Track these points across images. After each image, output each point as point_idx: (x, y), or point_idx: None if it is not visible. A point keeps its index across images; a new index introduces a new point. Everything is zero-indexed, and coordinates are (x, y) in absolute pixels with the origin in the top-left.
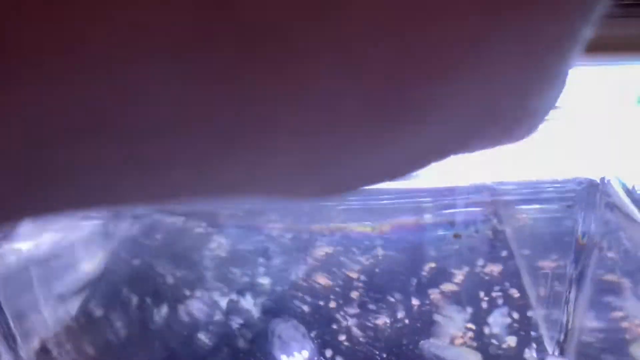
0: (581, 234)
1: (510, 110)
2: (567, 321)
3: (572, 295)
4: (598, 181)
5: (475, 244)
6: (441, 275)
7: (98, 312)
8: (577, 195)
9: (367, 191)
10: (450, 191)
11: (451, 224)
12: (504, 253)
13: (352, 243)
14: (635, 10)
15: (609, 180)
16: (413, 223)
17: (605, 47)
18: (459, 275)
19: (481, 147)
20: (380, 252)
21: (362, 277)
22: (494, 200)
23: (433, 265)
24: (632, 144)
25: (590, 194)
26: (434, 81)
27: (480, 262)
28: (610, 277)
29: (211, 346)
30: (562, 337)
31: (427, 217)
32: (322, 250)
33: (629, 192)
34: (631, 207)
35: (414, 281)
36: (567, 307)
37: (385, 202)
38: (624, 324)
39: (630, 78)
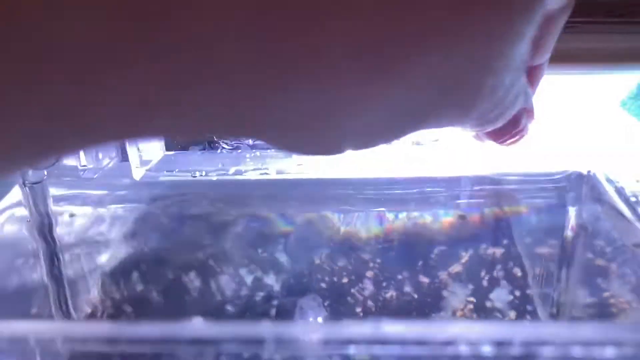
0: (571, 221)
1: (467, 90)
2: (559, 298)
3: (563, 276)
4: (585, 174)
5: (480, 229)
6: (449, 257)
7: (136, 281)
8: (567, 186)
9: (380, 181)
10: (457, 181)
11: (459, 213)
12: (506, 239)
13: (368, 228)
14: (617, 27)
15: (594, 174)
16: (424, 210)
17: (592, 58)
18: (465, 257)
19: (447, 123)
20: (393, 236)
21: (377, 259)
22: (495, 190)
23: (443, 248)
24: (615, 142)
25: (579, 185)
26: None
27: (484, 245)
28: (598, 261)
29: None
30: (554, 310)
31: (437, 204)
32: (339, 234)
33: (613, 185)
34: (615, 198)
35: (422, 262)
36: (559, 285)
37: (397, 191)
38: (611, 301)
39: (614, 85)
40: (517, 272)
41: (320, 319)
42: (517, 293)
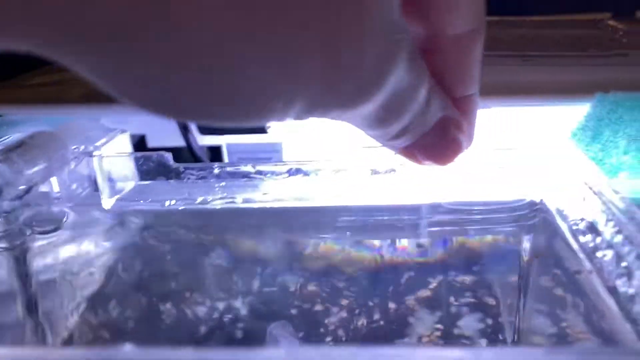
0: (526, 249)
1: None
2: (518, 326)
3: (521, 304)
4: (538, 202)
5: (441, 258)
6: (417, 283)
7: (111, 306)
8: (522, 214)
9: (346, 209)
10: (417, 209)
11: (418, 242)
12: (465, 267)
13: (338, 256)
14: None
15: (545, 203)
16: (388, 238)
17: (543, 90)
18: (433, 284)
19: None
20: (363, 263)
21: (347, 285)
22: (453, 219)
23: (411, 274)
24: (565, 172)
25: (532, 214)
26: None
27: (446, 274)
28: (554, 289)
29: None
30: (515, 338)
31: (400, 234)
32: (313, 261)
33: (560, 214)
34: (563, 227)
35: (392, 288)
36: (518, 314)
37: (359, 219)
38: (568, 331)
39: (564, 117)
40: (477, 300)
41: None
42: (487, 321)
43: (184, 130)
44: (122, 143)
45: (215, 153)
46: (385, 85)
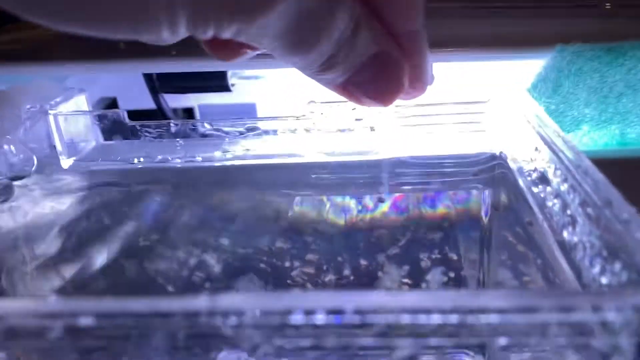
0: (486, 202)
1: None
2: (483, 280)
3: (485, 258)
4: (498, 155)
5: (405, 212)
6: (383, 239)
7: (72, 266)
8: (482, 167)
9: (307, 166)
10: (377, 166)
11: (378, 196)
12: (430, 222)
13: (311, 212)
14: (530, 11)
15: (505, 155)
16: (350, 194)
17: (502, 43)
18: (401, 240)
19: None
20: (335, 220)
21: (318, 242)
22: (416, 173)
23: (382, 231)
24: (522, 124)
25: (492, 167)
26: None
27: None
28: (515, 243)
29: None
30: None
31: (362, 190)
32: (278, 219)
33: (517, 165)
34: (519, 179)
35: (356, 244)
36: (481, 268)
37: (320, 176)
38: (531, 286)
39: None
40: (442, 255)
41: None
42: (451, 275)
43: (154, 92)
44: (80, 103)
45: (189, 115)
46: None
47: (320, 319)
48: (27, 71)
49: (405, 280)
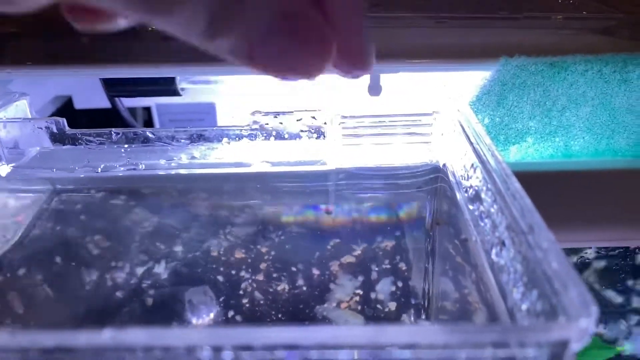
0: (429, 214)
1: None
2: (428, 290)
3: (430, 268)
4: (441, 166)
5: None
6: (342, 249)
7: (23, 272)
8: (426, 179)
9: (252, 176)
10: (324, 176)
11: (325, 208)
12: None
13: (266, 221)
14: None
15: (447, 167)
16: (297, 204)
17: (452, 54)
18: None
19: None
20: (290, 229)
21: (273, 252)
22: (359, 184)
23: (337, 241)
24: (462, 138)
25: (435, 179)
26: None
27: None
28: (455, 256)
29: (127, 308)
30: (425, 303)
31: (308, 200)
32: (239, 227)
33: (457, 181)
34: (457, 194)
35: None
36: (427, 278)
37: (265, 185)
38: (469, 298)
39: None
40: (391, 265)
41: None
42: (399, 284)
43: (109, 92)
44: (22, 107)
45: (147, 114)
46: None
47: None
48: None
49: (358, 291)
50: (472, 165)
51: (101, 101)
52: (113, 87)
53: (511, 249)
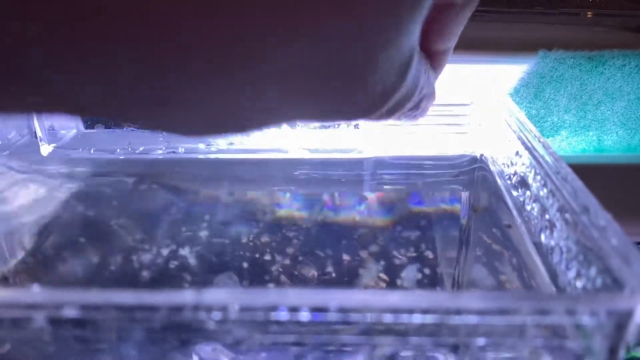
0: (465, 203)
1: (342, 80)
2: (459, 278)
3: (462, 258)
4: (478, 157)
5: (386, 210)
6: (373, 237)
7: (52, 252)
8: (463, 169)
9: (293, 162)
10: (360, 164)
11: (361, 194)
12: (410, 221)
13: (297, 208)
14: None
15: (486, 158)
16: (333, 191)
17: (488, 47)
18: (379, 237)
19: (320, 118)
20: (317, 217)
21: (302, 238)
22: (397, 172)
23: (363, 228)
24: (503, 128)
25: (472, 169)
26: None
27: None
28: (492, 244)
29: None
30: (455, 290)
31: (344, 188)
32: (270, 214)
33: (497, 167)
34: (498, 181)
35: (337, 241)
36: (457, 266)
37: (304, 172)
38: (507, 285)
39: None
40: (419, 254)
41: None
42: (426, 272)
43: None
44: None
45: None
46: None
47: (303, 316)
48: None
49: (383, 276)
50: (517, 152)
51: None
52: None
53: (564, 230)
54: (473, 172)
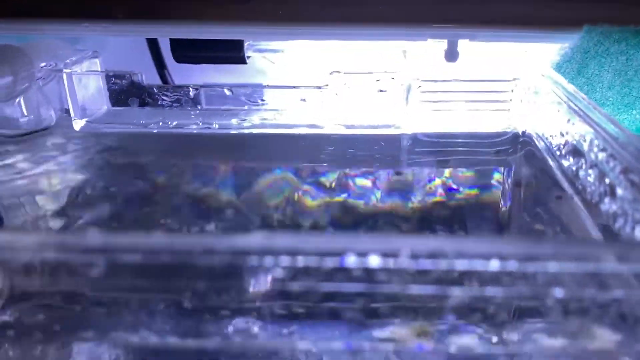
0: (508, 178)
1: None
2: None
3: (507, 230)
4: (521, 133)
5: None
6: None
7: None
8: (505, 146)
9: (326, 137)
10: (399, 139)
11: (397, 170)
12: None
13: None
14: None
15: (529, 133)
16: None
17: (530, 22)
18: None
19: None
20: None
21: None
22: (438, 149)
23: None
24: (550, 101)
25: (515, 145)
26: None
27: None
28: (539, 217)
29: None
30: None
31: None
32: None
33: (547, 145)
34: (545, 155)
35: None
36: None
37: (339, 148)
38: None
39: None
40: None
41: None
42: None
43: (160, 67)
44: (93, 67)
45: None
46: None
47: (374, 261)
48: (33, 29)
49: None
50: (568, 120)
51: (151, 79)
52: (178, 51)
53: (629, 191)
54: (516, 148)
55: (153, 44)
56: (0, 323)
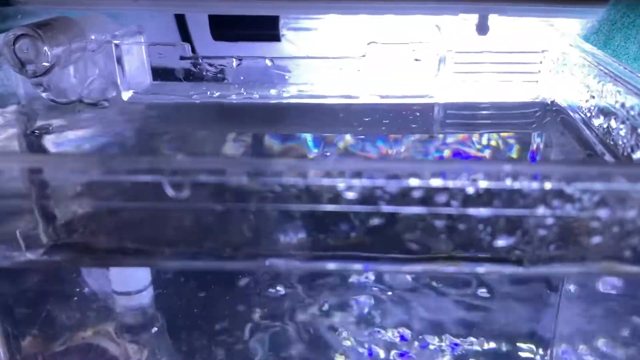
0: (538, 146)
1: None
2: None
3: None
4: (549, 102)
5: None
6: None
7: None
8: (535, 114)
9: (361, 106)
10: (431, 108)
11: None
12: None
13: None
14: None
15: (558, 102)
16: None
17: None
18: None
19: None
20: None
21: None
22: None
23: None
24: (575, 71)
25: (544, 113)
26: None
27: None
28: None
29: None
30: None
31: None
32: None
33: (576, 108)
34: (577, 121)
35: None
36: None
37: (374, 117)
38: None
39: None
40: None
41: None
42: None
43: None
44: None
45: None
46: None
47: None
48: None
49: None
50: (599, 81)
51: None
52: (217, 29)
53: None
54: (545, 115)
55: (181, 23)
56: None
